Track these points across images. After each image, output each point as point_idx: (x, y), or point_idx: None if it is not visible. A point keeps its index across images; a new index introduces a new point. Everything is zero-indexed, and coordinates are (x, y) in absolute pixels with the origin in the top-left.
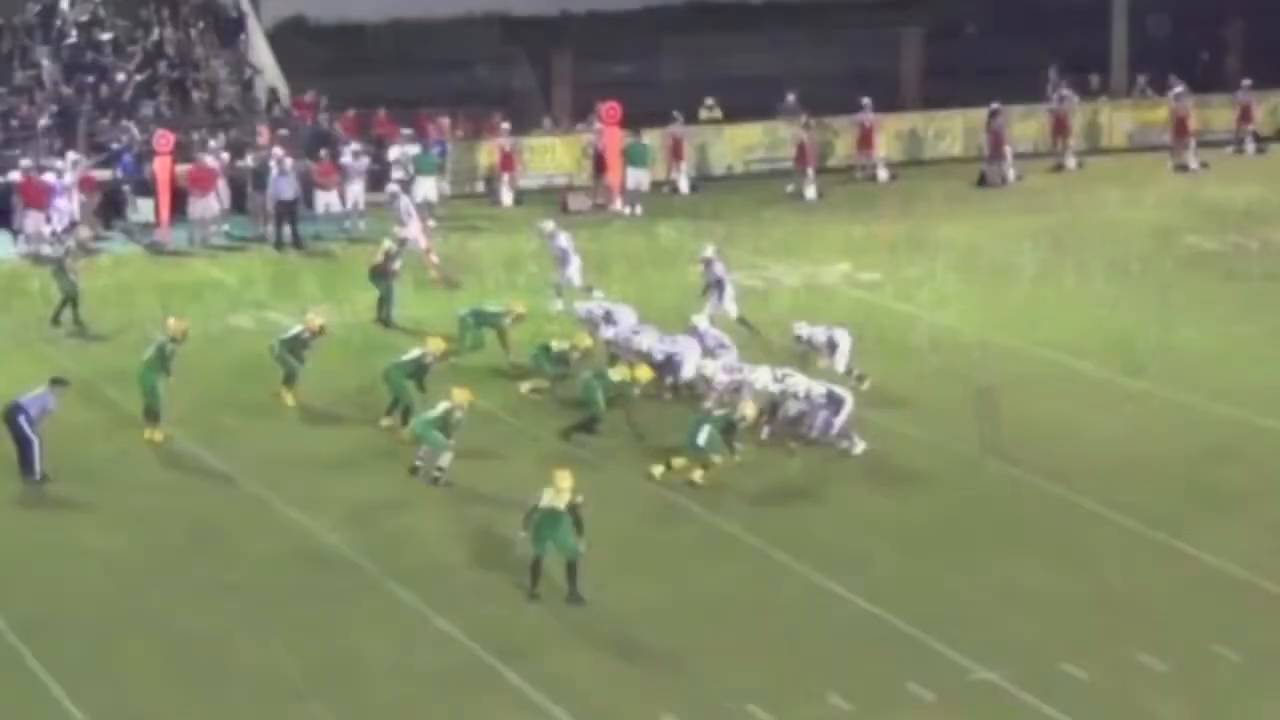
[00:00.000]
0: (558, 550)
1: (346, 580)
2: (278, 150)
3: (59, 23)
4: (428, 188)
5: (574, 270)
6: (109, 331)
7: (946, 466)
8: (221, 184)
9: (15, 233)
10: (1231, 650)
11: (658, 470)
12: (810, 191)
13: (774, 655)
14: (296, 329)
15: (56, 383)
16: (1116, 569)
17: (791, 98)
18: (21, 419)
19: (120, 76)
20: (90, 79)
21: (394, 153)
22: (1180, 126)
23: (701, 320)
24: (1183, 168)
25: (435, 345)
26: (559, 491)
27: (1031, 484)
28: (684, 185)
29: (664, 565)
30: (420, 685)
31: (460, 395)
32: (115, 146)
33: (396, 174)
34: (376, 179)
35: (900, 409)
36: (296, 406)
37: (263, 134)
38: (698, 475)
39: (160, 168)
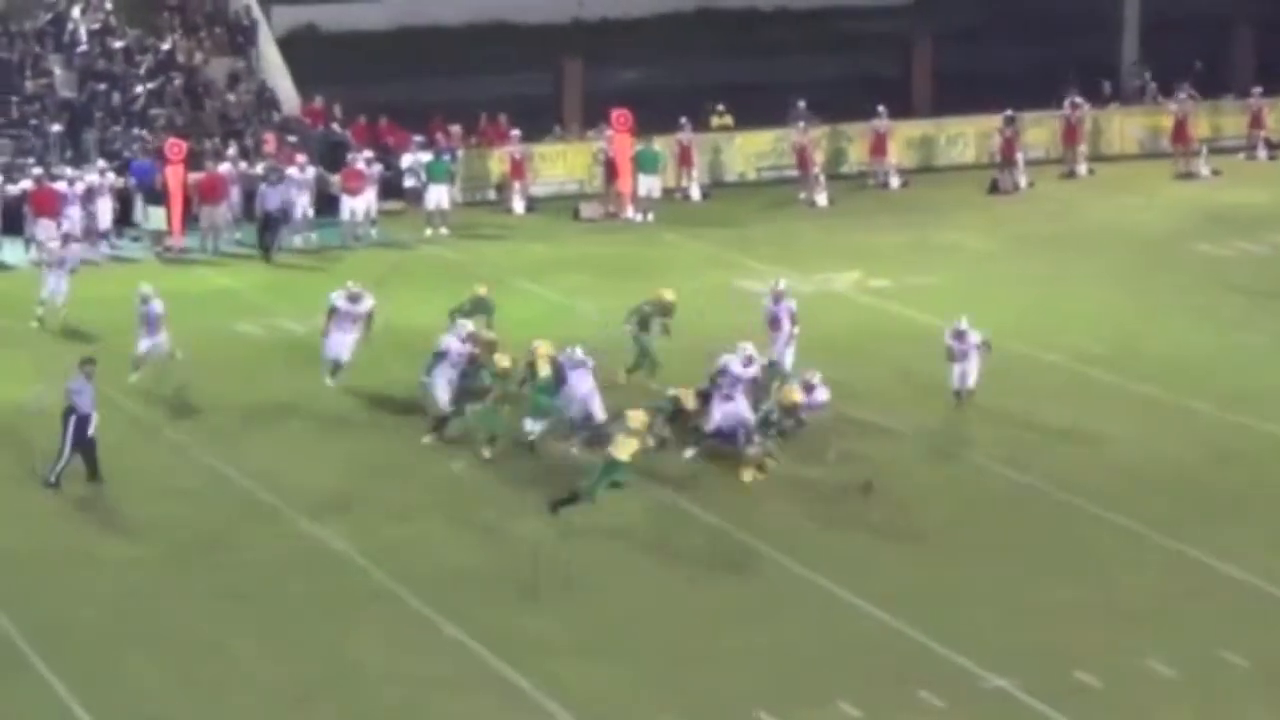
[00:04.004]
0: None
1: (352, 586)
2: (301, 158)
3: (70, 30)
4: (439, 195)
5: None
6: (119, 339)
7: (955, 472)
8: (234, 192)
9: (27, 241)
10: (1241, 656)
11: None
12: (821, 198)
13: (782, 661)
14: (484, 380)
15: (85, 363)
16: (1126, 575)
17: (802, 104)
18: (71, 421)
19: (133, 85)
20: (102, 87)
21: (406, 160)
22: (1179, 131)
23: None
24: (1189, 175)
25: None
26: (630, 434)
27: (1041, 490)
28: (695, 192)
29: (671, 570)
30: (425, 690)
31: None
32: (128, 155)
33: (409, 181)
34: (388, 186)
35: (909, 417)
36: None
37: (269, 142)
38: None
39: (172, 176)
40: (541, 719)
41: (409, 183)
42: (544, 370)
